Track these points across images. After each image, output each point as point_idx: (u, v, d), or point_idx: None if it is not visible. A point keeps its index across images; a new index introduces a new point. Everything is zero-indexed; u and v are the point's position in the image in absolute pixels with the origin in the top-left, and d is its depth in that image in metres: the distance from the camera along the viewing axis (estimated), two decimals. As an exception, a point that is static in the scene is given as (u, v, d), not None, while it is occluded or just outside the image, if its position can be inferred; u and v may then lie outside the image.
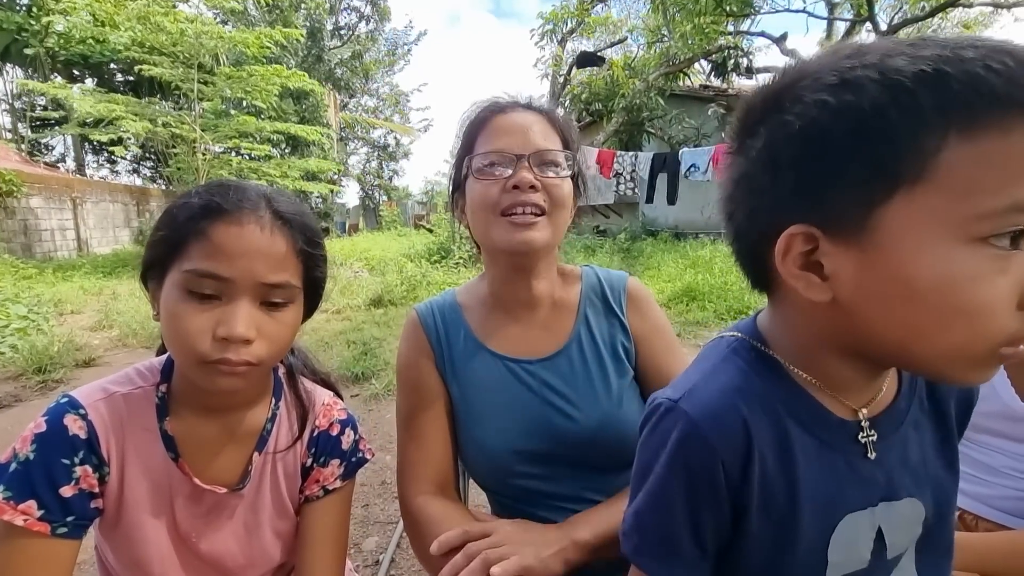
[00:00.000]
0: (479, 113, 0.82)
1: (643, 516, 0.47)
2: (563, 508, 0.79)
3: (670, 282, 6.08)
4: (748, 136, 0.43)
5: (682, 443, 0.44)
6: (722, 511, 0.45)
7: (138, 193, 12.93)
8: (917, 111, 0.34)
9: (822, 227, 0.39)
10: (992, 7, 10.99)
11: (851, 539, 0.45)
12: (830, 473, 0.45)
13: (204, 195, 0.63)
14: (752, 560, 0.46)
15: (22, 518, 0.59)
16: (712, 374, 0.48)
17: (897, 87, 0.34)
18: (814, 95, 0.38)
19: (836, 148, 0.37)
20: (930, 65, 0.34)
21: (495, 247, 0.80)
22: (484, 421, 0.81)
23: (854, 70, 0.36)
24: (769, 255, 0.42)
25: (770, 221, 0.41)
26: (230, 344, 0.60)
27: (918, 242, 0.36)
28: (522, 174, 0.75)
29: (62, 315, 5.51)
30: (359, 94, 24.69)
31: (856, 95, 0.36)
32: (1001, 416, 0.85)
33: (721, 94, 10.62)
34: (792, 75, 0.41)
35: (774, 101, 0.41)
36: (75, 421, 0.64)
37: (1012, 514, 0.86)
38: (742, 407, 0.44)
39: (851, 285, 0.39)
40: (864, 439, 0.46)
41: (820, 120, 0.37)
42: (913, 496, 0.47)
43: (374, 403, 3.22)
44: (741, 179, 0.44)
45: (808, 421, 0.46)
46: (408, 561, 1.78)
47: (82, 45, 11.66)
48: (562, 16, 11.89)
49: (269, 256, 0.62)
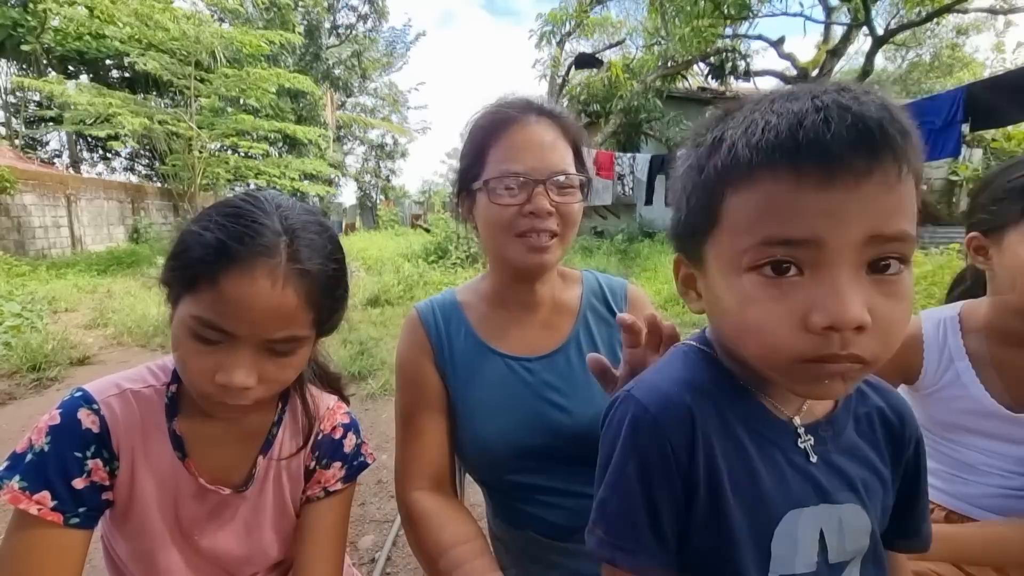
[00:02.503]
0: (491, 121, 0.81)
1: (604, 505, 0.48)
2: (558, 505, 0.81)
3: (667, 284, 6.11)
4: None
5: (633, 426, 0.47)
6: (675, 493, 0.46)
7: (133, 190, 12.81)
8: (712, 169, 0.43)
9: (685, 254, 0.51)
10: (988, 12, 11.09)
11: (793, 536, 0.46)
12: (772, 468, 0.47)
13: (219, 230, 0.58)
14: (701, 547, 0.47)
15: (36, 507, 0.61)
16: (663, 368, 0.53)
17: (702, 152, 0.45)
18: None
19: (684, 196, 0.48)
20: (720, 130, 0.43)
21: (508, 264, 0.82)
22: (482, 418, 0.82)
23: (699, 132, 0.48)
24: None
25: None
26: (228, 390, 0.60)
27: (718, 270, 0.45)
28: (539, 202, 0.76)
29: (56, 313, 5.48)
30: (357, 93, 24.65)
31: (686, 157, 0.48)
32: (974, 414, 0.87)
33: (719, 97, 10.66)
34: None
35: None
36: (88, 415, 0.65)
37: (995, 512, 0.87)
38: (687, 395, 0.48)
39: (704, 301, 0.50)
40: (802, 444, 0.49)
41: (673, 177, 0.50)
42: (856, 505, 0.49)
43: (370, 402, 3.23)
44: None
45: (750, 417, 0.49)
46: (404, 559, 1.79)
47: (78, 41, 11.61)
48: (561, 17, 11.91)
49: (278, 314, 0.59)
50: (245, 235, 0.58)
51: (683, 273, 0.52)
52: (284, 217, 0.62)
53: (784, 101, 0.40)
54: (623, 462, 0.47)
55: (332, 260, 0.65)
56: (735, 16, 9.83)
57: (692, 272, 0.51)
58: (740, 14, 9.81)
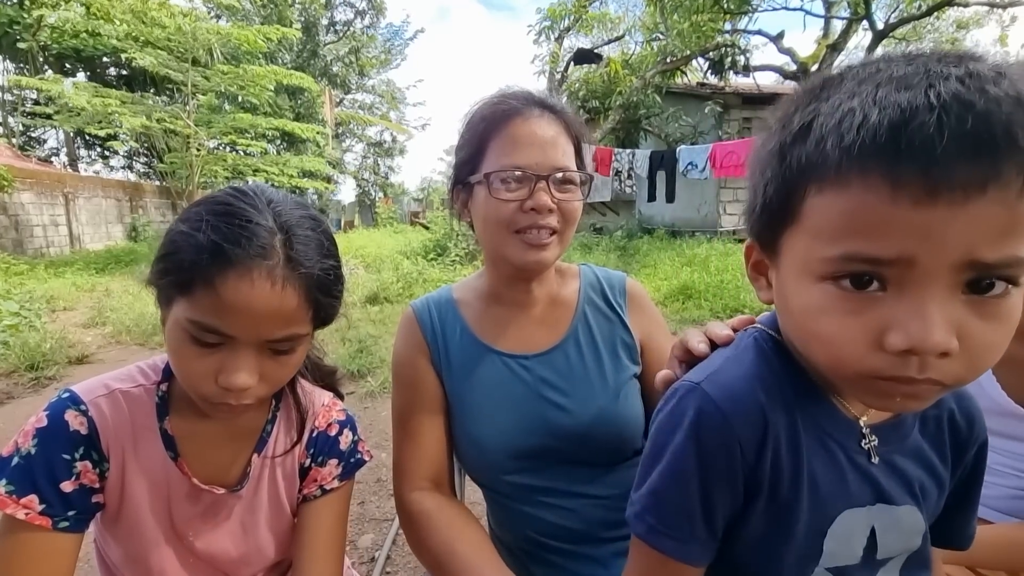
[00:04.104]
0: (493, 112, 0.78)
1: (658, 495, 0.47)
2: (558, 506, 0.80)
3: (666, 280, 6.09)
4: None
5: (699, 420, 0.45)
6: (736, 491, 0.45)
7: (131, 189, 12.80)
8: (795, 160, 0.38)
9: (759, 242, 0.47)
10: (988, 6, 11.04)
11: (847, 533, 0.46)
12: (833, 467, 0.46)
13: (212, 231, 0.57)
14: (750, 542, 0.47)
15: (24, 512, 0.59)
16: (734, 360, 0.49)
17: (787, 138, 0.40)
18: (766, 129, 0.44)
19: (762, 182, 0.43)
20: (810, 112, 0.38)
21: (505, 261, 0.80)
22: (479, 417, 0.81)
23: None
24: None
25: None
26: (231, 391, 0.60)
27: (792, 271, 0.42)
28: (540, 197, 0.74)
29: (54, 312, 5.47)
30: (355, 90, 24.57)
31: (769, 138, 0.43)
32: (991, 413, 0.85)
33: (718, 92, 10.62)
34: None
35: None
36: (76, 416, 0.64)
37: (1010, 514, 0.86)
38: (760, 393, 0.46)
39: (775, 293, 0.47)
40: (867, 445, 0.47)
41: (752, 153, 0.45)
42: (913, 506, 0.48)
43: (370, 401, 3.22)
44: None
45: (818, 415, 0.47)
46: (404, 558, 1.78)
47: (75, 39, 11.55)
48: (560, 13, 11.86)
49: (278, 315, 0.59)
50: (241, 236, 0.56)
51: (754, 259, 0.49)
52: (277, 214, 0.61)
53: (893, 87, 0.34)
54: (683, 454, 0.46)
55: (328, 256, 0.64)
56: (734, 11, 9.79)
57: (764, 260, 0.47)
58: (739, 9, 9.77)
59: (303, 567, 0.72)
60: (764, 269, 0.48)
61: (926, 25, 13.04)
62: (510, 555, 0.85)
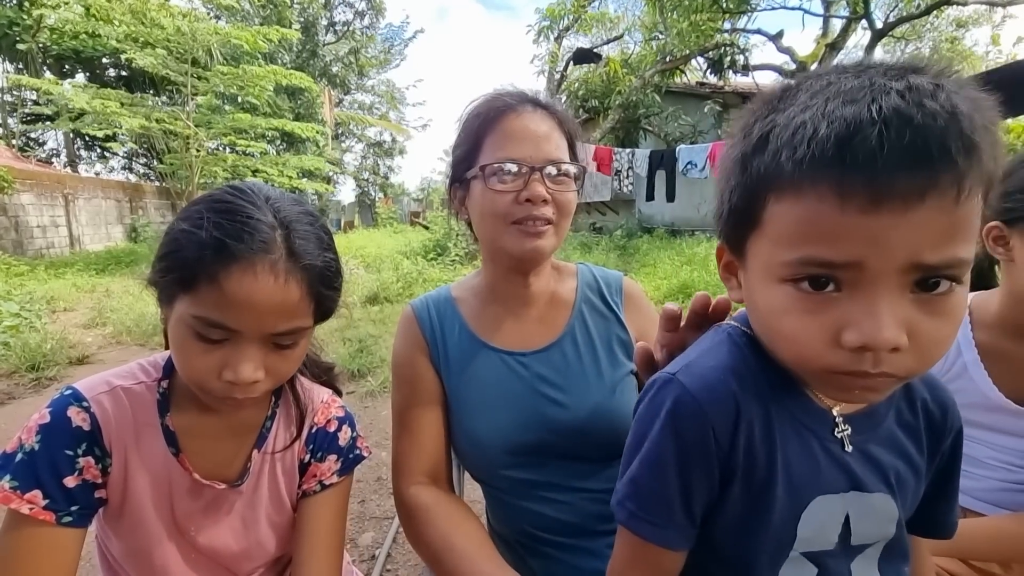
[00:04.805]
0: (488, 109, 0.80)
1: (638, 483, 0.49)
2: (555, 500, 0.80)
3: (666, 279, 6.10)
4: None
5: (676, 410, 0.47)
6: (712, 478, 0.47)
7: (131, 189, 12.79)
8: (755, 170, 0.41)
9: (728, 245, 0.49)
10: (987, 5, 11.04)
11: (820, 519, 0.48)
12: (807, 455, 0.48)
13: (214, 228, 0.57)
14: (727, 526, 0.49)
15: (28, 507, 0.60)
16: (708, 353, 0.51)
17: (748, 148, 0.42)
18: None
19: (728, 189, 0.45)
20: (768, 123, 0.40)
21: (503, 253, 0.81)
22: (478, 414, 0.82)
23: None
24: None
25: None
26: (237, 385, 0.61)
27: (757, 273, 0.44)
28: (535, 188, 0.75)
29: (55, 312, 5.48)
30: (354, 91, 24.55)
31: (734, 145, 0.44)
32: (980, 407, 0.86)
33: (717, 91, 10.63)
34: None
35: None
36: (78, 413, 0.64)
37: (999, 506, 0.86)
38: (733, 382, 0.47)
39: (744, 293, 0.49)
40: (840, 434, 0.49)
41: (720, 159, 0.47)
42: (886, 494, 0.49)
43: (370, 400, 3.23)
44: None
45: (791, 405, 0.49)
46: (404, 556, 1.79)
47: (75, 40, 11.55)
48: (559, 12, 11.86)
49: (282, 308, 0.60)
50: (243, 231, 0.57)
51: (725, 260, 0.52)
52: (276, 209, 0.62)
53: (840, 101, 0.36)
54: (661, 443, 0.47)
55: (328, 249, 0.65)
56: (733, 10, 9.79)
57: (734, 261, 0.50)
58: (738, 8, 9.77)
59: (303, 561, 0.73)
60: (734, 270, 0.51)
61: (925, 24, 13.04)
62: (508, 549, 0.86)
